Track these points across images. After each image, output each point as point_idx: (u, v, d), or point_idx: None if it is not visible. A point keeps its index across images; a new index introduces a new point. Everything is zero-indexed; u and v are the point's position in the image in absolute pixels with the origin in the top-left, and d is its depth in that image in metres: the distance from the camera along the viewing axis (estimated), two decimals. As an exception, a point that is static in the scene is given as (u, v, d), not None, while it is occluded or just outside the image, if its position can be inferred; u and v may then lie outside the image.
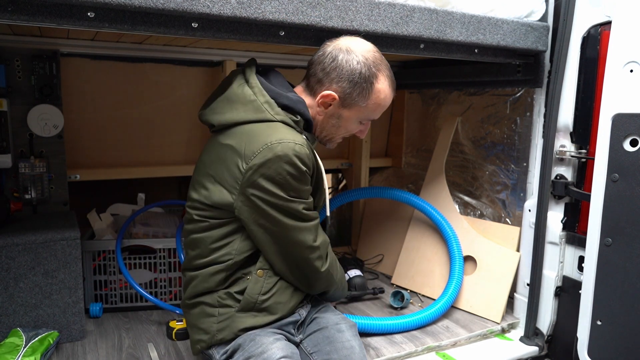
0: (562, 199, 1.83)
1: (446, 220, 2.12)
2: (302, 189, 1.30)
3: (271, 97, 1.32)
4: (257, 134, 1.27)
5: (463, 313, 2.03)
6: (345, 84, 1.33)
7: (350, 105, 1.37)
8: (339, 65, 1.31)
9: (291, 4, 1.26)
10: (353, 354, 1.35)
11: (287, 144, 1.24)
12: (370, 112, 1.40)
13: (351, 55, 1.31)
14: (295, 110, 1.33)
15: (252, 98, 1.31)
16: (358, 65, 1.31)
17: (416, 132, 2.74)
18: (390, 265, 2.43)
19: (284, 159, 1.23)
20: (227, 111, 1.33)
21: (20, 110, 1.85)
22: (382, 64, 1.36)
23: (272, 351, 1.26)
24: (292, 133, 1.28)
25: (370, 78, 1.33)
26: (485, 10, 1.61)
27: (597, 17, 1.66)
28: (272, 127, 1.28)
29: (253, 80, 1.34)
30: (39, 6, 1.06)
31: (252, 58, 1.43)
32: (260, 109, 1.30)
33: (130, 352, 1.67)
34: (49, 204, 1.94)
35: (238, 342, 1.33)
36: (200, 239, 1.38)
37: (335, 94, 1.34)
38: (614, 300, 1.49)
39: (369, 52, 1.33)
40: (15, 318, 1.62)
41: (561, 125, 1.78)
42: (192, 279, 1.41)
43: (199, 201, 1.36)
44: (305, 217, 1.33)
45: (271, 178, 1.25)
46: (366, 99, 1.35)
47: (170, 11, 1.14)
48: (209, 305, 1.37)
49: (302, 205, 1.31)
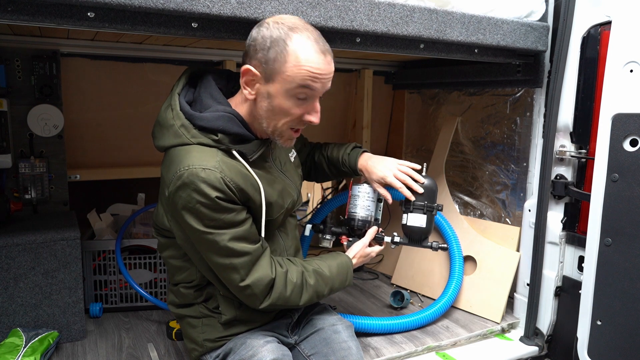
0: (562, 199, 1.83)
1: (446, 220, 2.12)
2: (220, 218, 1.19)
3: (187, 119, 1.23)
4: (173, 160, 1.22)
5: (463, 313, 2.03)
6: (260, 55, 1.18)
7: (272, 76, 1.19)
8: (254, 39, 1.19)
9: (291, 4, 1.25)
10: (350, 355, 1.35)
11: (192, 170, 1.16)
12: (297, 80, 1.18)
13: (263, 25, 1.19)
14: (213, 129, 1.22)
15: (171, 123, 1.25)
16: (268, 31, 1.17)
17: (416, 132, 2.74)
18: (390, 265, 2.43)
19: (190, 186, 1.16)
20: (160, 136, 1.29)
21: (20, 110, 1.85)
22: (300, 27, 1.18)
23: (262, 354, 1.26)
24: (205, 156, 1.19)
25: (282, 38, 1.16)
26: (485, 10, 1.61)
27: (597, 17, 1.66)
28: (186, 151, 1.21)
29: (174, 101, 1.26)
30: (39, 6, 1.06)
31: (187, 68, 1.36)
32: (177, 133, 1.23)
33: (130, 352, 1.68)
34: (49, 204, 1.94)
35: (229, 345, 1.35)
36: (164, 258, 1.43)
37: (253, 68, 1.19)
38: (614, 300, 1.49)
39: (284, 18, 1.20)
40: (15, 318, 1.62)
41: (561, 125, 1.78)
42: (171, 292, 1.46)
43: (155, 223, 1.40)
44: (229, 252, 1.22)
45: (185, 208, 1.18)
46: (284, 63, 1.17)
47: (170, 11, 1.14)
48: (192, 317, 1.40)
49: (226, 235, 1.20)
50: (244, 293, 1.26)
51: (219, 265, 1.25)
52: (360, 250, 1.53)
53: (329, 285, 1.40)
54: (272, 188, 1.32)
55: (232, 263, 1.23)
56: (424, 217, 1.57)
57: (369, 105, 2.62)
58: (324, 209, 2.43)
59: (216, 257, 1.23)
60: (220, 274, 1.27)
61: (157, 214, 1.39)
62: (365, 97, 2.60)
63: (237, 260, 1.23)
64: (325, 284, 1.39)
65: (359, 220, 1.58)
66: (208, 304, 1.38)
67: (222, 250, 1.22)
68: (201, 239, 1.21)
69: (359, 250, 1.53)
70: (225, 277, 1.26)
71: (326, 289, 1.39)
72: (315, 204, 3.00)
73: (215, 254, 1.23)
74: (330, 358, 1.34)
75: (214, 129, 1.22)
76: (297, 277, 1.32)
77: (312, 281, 1.35)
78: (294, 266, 1.35)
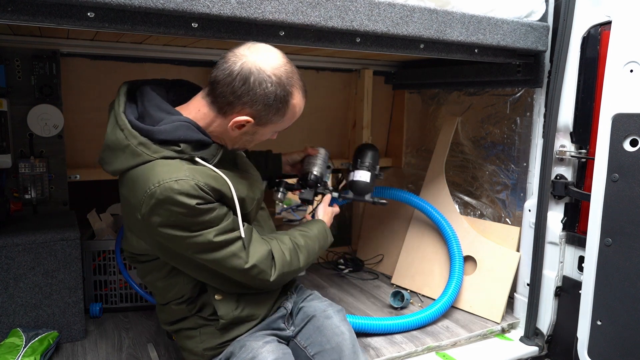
0: (562, 199, 1.83)
1: (446, 220, 2.12)
2: (205, 219, 1.19)
3: (144, 136, 1.19)
4: (137, 180, 1.18)
5: (463, 313, 2.03)
6: (260, 107, 1.22)
7: (266, 123, 1.27)
8: (251, 89, 1.19)
9: (291, 4, 1.25)
10: (344, 340, 1.37)
11: (164, 186, 1.13)
12: (286, 124, 1.32)
13: (262, 75, 1.19)
14: (175, 140, 1.20)
15: (125, 143, 1.20)
16: (272, 87, 1.20)
17: (416, 132, 2.74)
18: (390, 265, 2.43)
19: (167, 202, 1.14)
20: (112, 160, 1.24)
21: (20, 110, 1.85)
22: (294, 77, 1.25)
23: (263, 355, 1.27)
24: (172, 168, 1.17)
25: (286, 97, 1.23)
26: (485, 10, 1.61)
27: (597, 17, 1.66)
28: (149, 168, 1.17)
29: (121, 120, 1.22)
30: (39, 6, 1.06)
31: (123, 82, 1.33)
32: (135, 152, 1.19)
33: (130, 352, 1.68)
34: (49, 204, 1.94)
35: (229, 350, 1.35)
36: (148, 284, 1.43)
37: (249, 117, 1.23)
38: (614, 300, 1.49)
39: (280, 69, 1.22)
40: (15, 318, 1.62)
41: (561, 125, 1.78)
42: (161, 312, 1.45)
43: (128, 252, 1.39)
44: (224, 243, 1.23)
45: (165, 224, 1.17)
46: (282, 116, 1.27)
47: (170, 11, 1.14)
48: (189, 329, 1.39)
49: (216, 230, 1.21)
50: (253, 274, 1.29)
51: (218, 260, 1.24)
52: (323, 211, 1.69)
53: (315, 241, 1.50)
54: (240, 184, 1.33)
55: (230, 251, 1.25)
56: (369, 174, 1.88)
57: (369, 105, 2.62)
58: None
59: (213, 254, 1.23)
60: (222, 268, 1.27)
61: (126, 242, 1.37)
62: (365, 97, 2.60)
63: (234, 247, 1.26)
64: (312, 241, 1.49)
65: (315, 176, 1.77)
66: (203, 313, 1.38)
67: (217, 244, 1.22)
68: (192, 243, 1.20)
69: (323, 211, 1.69)
70: (230, 268, 1.26)
71: (316, 245, 1.50)
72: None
73: (211, 251, 1.23)
74: (326, 347, 1.36)
75: (176, 140, 1.20)
76: (288, 242, 1.40)
77: (301, 242, 1.44)
78: (281, 235, 1.44)
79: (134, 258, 1.39)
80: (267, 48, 1.24)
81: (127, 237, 1.37)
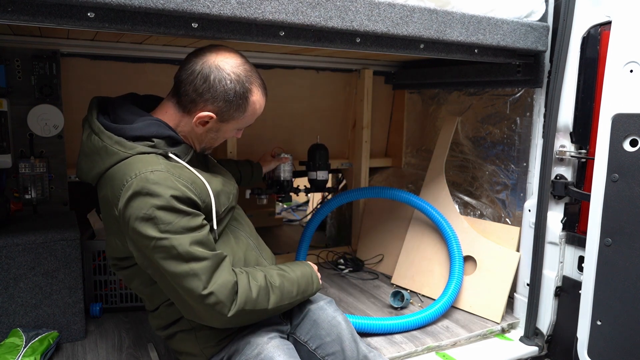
0: (562, 199, 1.83)
1: (446, 220, 2.12)
2: (176, 222, 1.16)
3: (119, 136, 1.24)
4: (115, 176, 1.21)
5: (463, 313, 2.03)
6: (221, 103, 1.29)
7: (228, 120, 1.34)
8: (212, 87, 1.27)
9: (291, 4, 1.26)
10: (342, 330, 1.39)
11: (141, 176, 1.16)
12: (248, 120, 1.39)
13: (222, 73, 1.27)
14: (147, 136, 1.26)
15: (100, 145, 1.25)
16: (231, 83, 1.28)
17: (416, 132, 2.74)
18: (390, 265, 2.43)
19: (142, 192, 1.14)
20: (90, 165, 1.28)
21: (20, 110, 1.85)
22: (252, 75, 1.33)
23: (268, 350, 1.27)
24: (149, 162, 1.20)
25: (245, 94, 1.31)
26: (485, 10, 1.61)
27: (597, 17, 1.66)
28: (127, 164, 1.21)
29: (95, 125, 1.28)
30: (39, 6, 1.06)
31: (93, 97, 1.37)
32: (112, 151, 1.23)
33: (130, 352, 1.68)
34: (49, 204, 1.94)
35: (233, 347, 1.33)
36: (135, 289, 1.41)
37: (211, 113, 1.30)
38: (614, 300, 1.49)
39: (239, 67, 1.30)
40: (15, 318, 1.62)
41: (561, 125, 1.78)
42: (153, 318, 1.43)
43: (112, 258, 1.39)
44: (188, 257, 1.16)
45: (139, 218, 1.15)
46: (243, 112, 1.34)
47: (170, 11, 1.14)
48: (184, 331, 1.37)
49: (184, 240, 1.16)
50: (207, 302, 1.17)
51: (177, 275, 1.16)
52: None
53: (294, 285, 1.37)
54: (214, 180, 1.37)
55: (192, 269, 1.16)
56: (326, 172, 2.38)
57: (369, 105, 2.63)
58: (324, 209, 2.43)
59: (174, 265, 1.16)
60: (179, 283, 1.17)
61: (109, 248, 1.37)
62: (365, 97, 2.60)
63: (197, 265, 1.16)
64: (290, 284, 1.36)
65: (286, 181, 2.25)
66: None
67: (180, 256, 1.15)
68: (157, 247, 1.15)
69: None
70: (185, 287, 1.16)
71: (294, 289, 1.37)
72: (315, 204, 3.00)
73: (173, 260, 1.16)
74: (326, 339, 1.38)
75: (149, 135, 1.26)
76: (260, 279, 1.29)
77: (277, 282, 1.33)
78: (256, 271, 1.32)
79: (116, 265, 1.38)
80: (227, 49, 1.33)
81: (109, 242, 1.36)
